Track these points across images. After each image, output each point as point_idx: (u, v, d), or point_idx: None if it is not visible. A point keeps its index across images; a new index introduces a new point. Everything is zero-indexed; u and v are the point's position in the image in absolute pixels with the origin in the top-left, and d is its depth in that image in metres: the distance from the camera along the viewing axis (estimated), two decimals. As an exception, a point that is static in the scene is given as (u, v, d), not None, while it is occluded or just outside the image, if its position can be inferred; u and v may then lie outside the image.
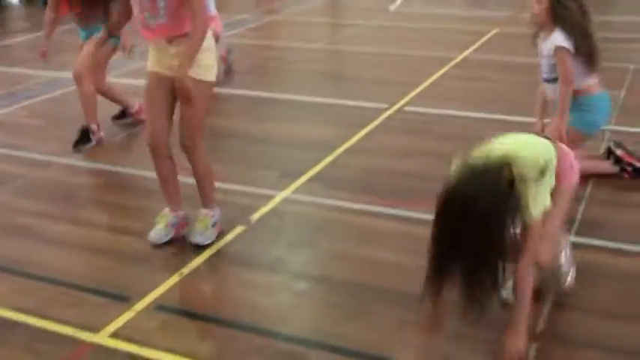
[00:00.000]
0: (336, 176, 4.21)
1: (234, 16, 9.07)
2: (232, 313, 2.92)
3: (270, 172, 4.28)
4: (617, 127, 4.79)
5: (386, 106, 5.44)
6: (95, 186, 4.39)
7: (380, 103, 5.49)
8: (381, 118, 5.19)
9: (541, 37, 3.83)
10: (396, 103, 5.52)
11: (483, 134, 2.86)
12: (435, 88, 5.97)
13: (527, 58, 4.90)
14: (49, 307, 2.95)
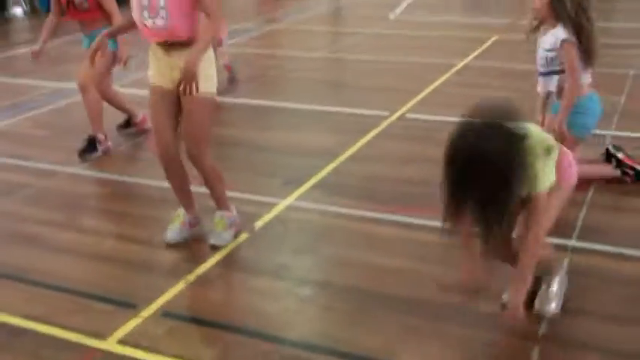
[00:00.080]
0: (339, 183, 4.25)
1: (236, 24, 9.12)
2: (238, 319, 2.95)
3: (273, 179, 4.32)
4: (618, 133, 4.83)
5: (387, 113, 5.49)
6: (101, 195, 4.43)
7: (381, 111, 5.53)
8: (383, 126, 5.24)
9: (541, 31, 3.85)
10: (397, 110, 5.56)
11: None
12: (436, 95, 6.01)
13: (527, 64, 4.93)
14: (56, 314, 2.98)
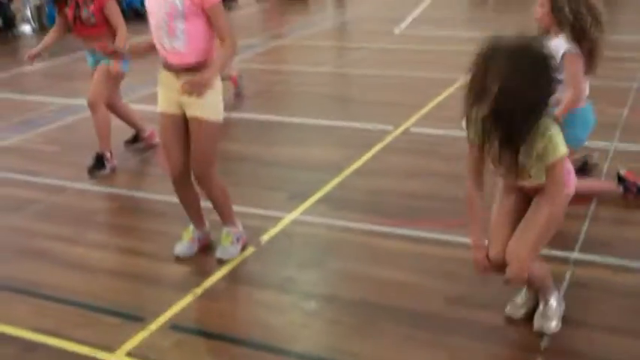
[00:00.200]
0: (344, 197, 4.30)
1: (242, 40, 9.19)
2: (245, 332, 3.00)
3: (279, 194, 4.37)
4: (620, 145, 4.87)
5: (392, 127, 5.54)
6: (110, 210, 4.50)
7: (386, 125, 5.58)
8: (387, 140, 5.29)
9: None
10: (401, 124, 5.62)
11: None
12: (441, 110, 6.05)
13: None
14: (65, 328, 3.04)
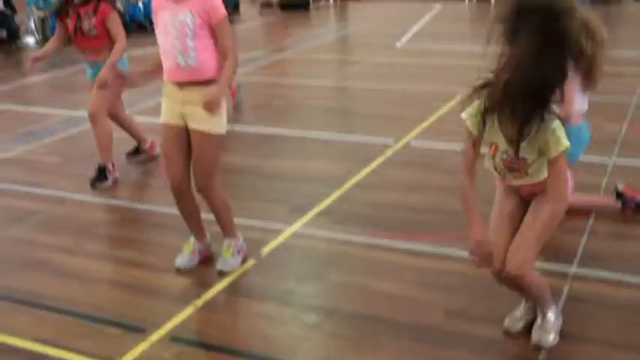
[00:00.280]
0: (345, 210, 4.33)
1: (244, 54, 9.26)
2: (245, 344, 3.02)
3: (280, 206, 4.40)
4: (619, 160, 4.90)
5: (392, 141, 5.57)
6: (111, 221, 4.52)
7: (387, 139, 5.62)
8: (388, 153, 5.32)
9: None
10: (402, 138, 5.65)
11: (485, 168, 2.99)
12: (441, 124, 6.09)
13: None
14: (66, 339, 3.06)
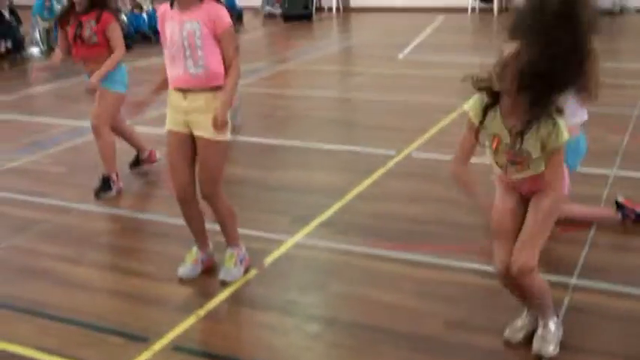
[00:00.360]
0: (346, 221, 4.35)
1: (247, 65, 9.32)
2: (247, 353, 3.04)
3: (282, 217, 4.43)
4: (620, 172, 4.92)
5: (394, 152, 5.60)
6: (114, 231, 4.55)
7: (388, 150, 5.65)
8: (389, 165, 5.34)
9: None
10: (403, 149, 5.68)
11: (489, 180, 3.02)
12: (443, 135, 6.11)
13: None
14: (69, 347, 3.08)
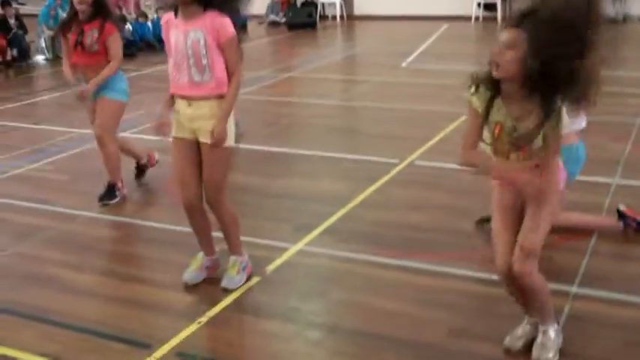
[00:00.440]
0: (348, 229, 4.37)
1: (252, 73, 9.36)
2: (248, 360, 3.06)
3: (284, 225, 4.45)
4: (622, 181, 4.93)
5: (397, 160, 5.62)
6: (117, 238, 4.57)
7: (391, 158, 5.66)
8: (392, 173, 5.36)
9: None
10: (406, 157, 5.70)
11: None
12: (445, 144, 6.12)
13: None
14: (72, 353, 3.10)
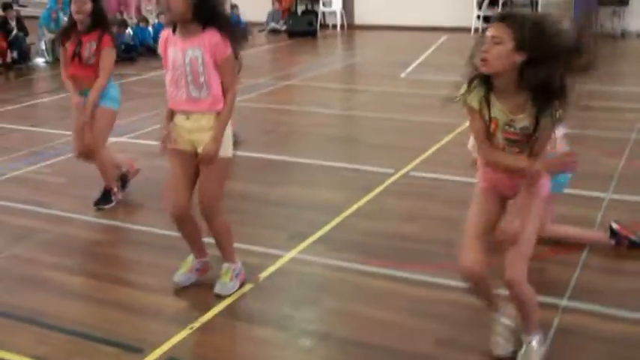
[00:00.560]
0: (342, 238, 4.39)
1: (251, 80, 9.40)
2: (238, 366, 3.08)
3: (279, 233, 4.47)
4: (614, 196, 4.96)
5: (392, 170, 5.65)
6: (112, 242, 4.59)
7: (387, 168, 5.69)
8: (387, 183, 5.39)
9: None
10: (402, 168, 5.73)
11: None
12: (441, 155, 6.16)
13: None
14: (64, 357, 3.12)
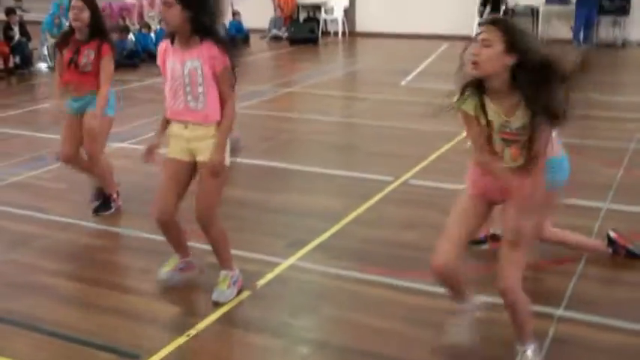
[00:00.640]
0: (340, 246, 4.40)
1: (252, 87, 9.43)
2: (235, 374, 3.08)
3: (278, 240, 4.48)
4: (612, 206, 4.97)
5: (392, 178, 5.66)
6: (110, 248, 4.60)
7: (386, 176, 5.71)
8: (386, 191, 5.41)
9: None
10: (401, 176, 5.74)
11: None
12: (441, 163, 6.18)
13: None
14: (61, 363, 3.13)
